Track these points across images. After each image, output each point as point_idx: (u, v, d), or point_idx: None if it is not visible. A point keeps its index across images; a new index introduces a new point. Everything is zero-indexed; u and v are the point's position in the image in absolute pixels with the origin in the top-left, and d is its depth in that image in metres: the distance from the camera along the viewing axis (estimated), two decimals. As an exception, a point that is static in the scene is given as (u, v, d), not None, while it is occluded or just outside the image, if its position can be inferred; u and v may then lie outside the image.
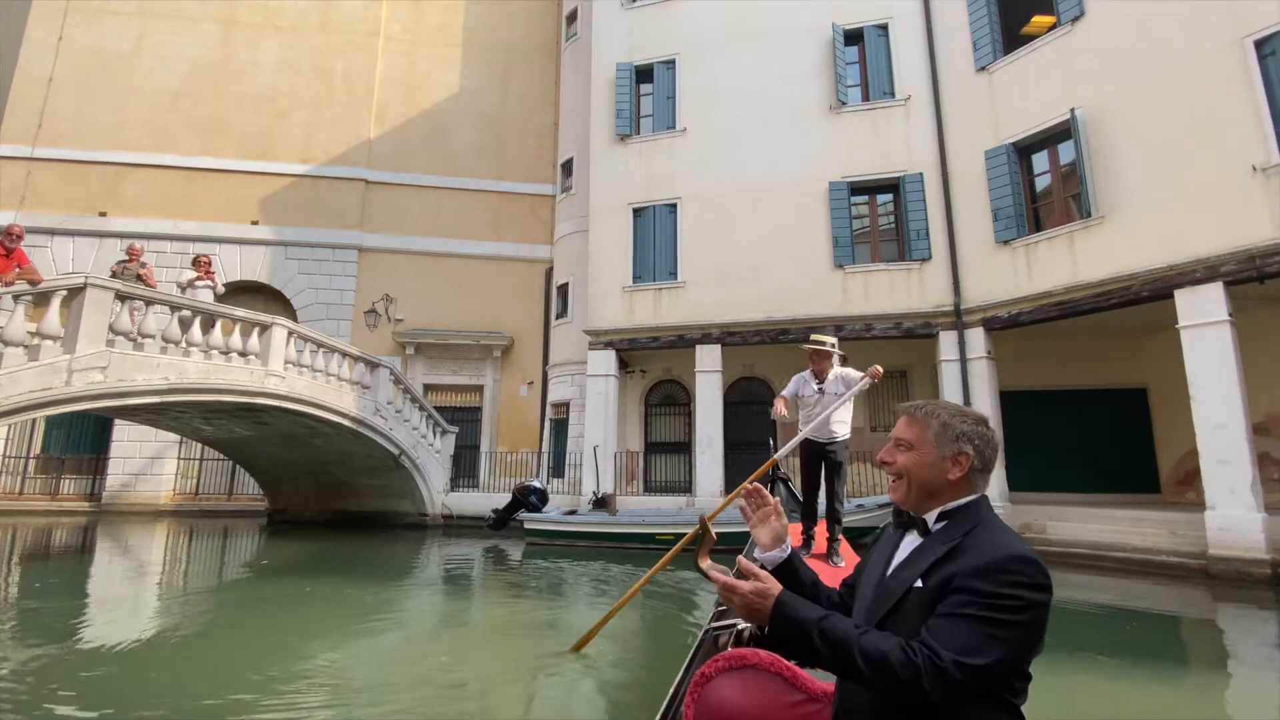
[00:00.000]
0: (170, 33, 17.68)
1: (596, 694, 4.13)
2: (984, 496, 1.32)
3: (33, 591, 7.47)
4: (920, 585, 1.22)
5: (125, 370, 7.16)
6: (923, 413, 1.35)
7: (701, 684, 1.54)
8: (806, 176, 12.19)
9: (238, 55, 17.85)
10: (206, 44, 17.77)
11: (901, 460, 1.35)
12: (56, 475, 15.65)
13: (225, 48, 17.84)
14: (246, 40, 17.97)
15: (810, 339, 4.91)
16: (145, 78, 17.34)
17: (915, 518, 1.34)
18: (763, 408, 13.57)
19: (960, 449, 1.29)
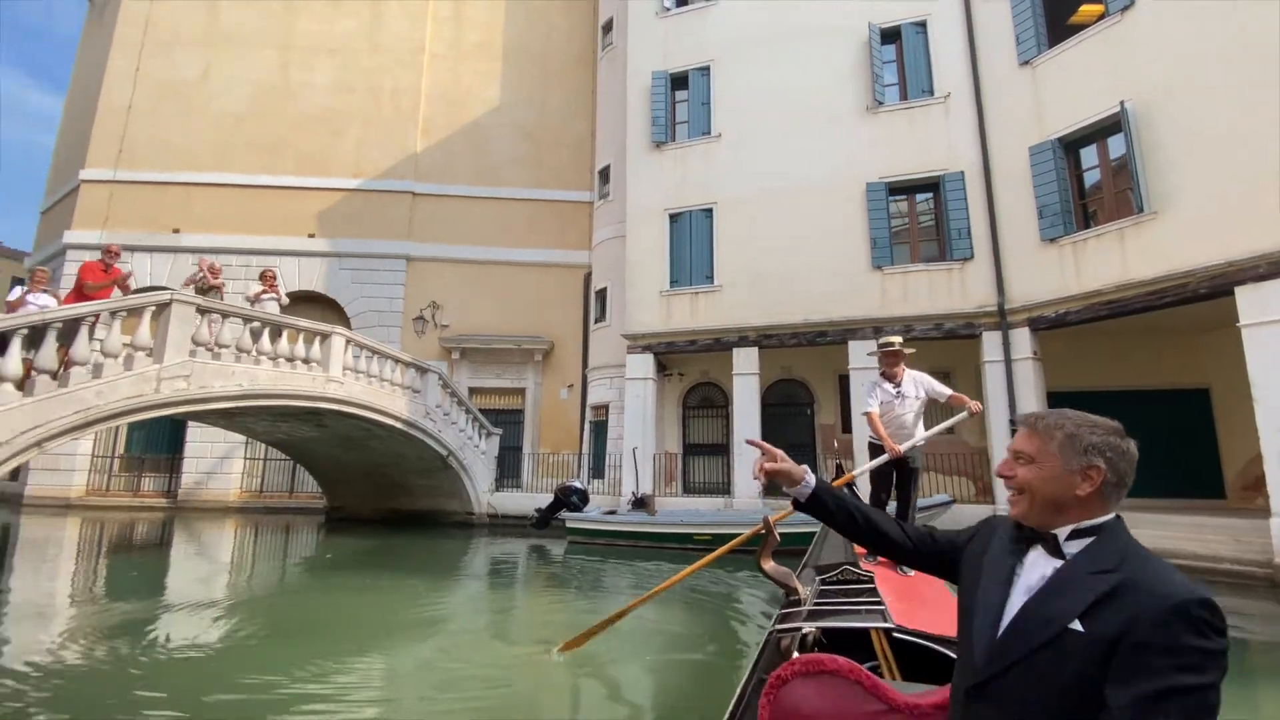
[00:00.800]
0: (234, 60, 18.86)
1: (627, 692, 4.25)
2: (1119, 516, 1.20)
3: (120, 583, 8.22)
4: (1081, 629, 1.07)
5: (205, 378, 7.82)
6: (1044, 424, 1.25)
7: (777, 686, 1.53)
8: (843, 178, 12.18)
9: (295, 78, 18.90)
10: (266, 69, 18.88)
11: (1022, 474, 1.24)
12: (137, 474, 16.91)
13: (283, 71, 18.92)
14: (302, 63, 19.01)
15: (879, 341, 4.83)
16: (212, 103, 18.55)
17: (1039, 533, 1.23)
18: (800, 409, 13.63)
19: (1090, 462, 1.18)
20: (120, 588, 7.75)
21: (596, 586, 8.19)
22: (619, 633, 4.79)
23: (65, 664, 4.58)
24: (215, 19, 19.19)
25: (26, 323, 6.47)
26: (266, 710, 3.71)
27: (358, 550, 10.75)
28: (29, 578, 8.33)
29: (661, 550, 10.07)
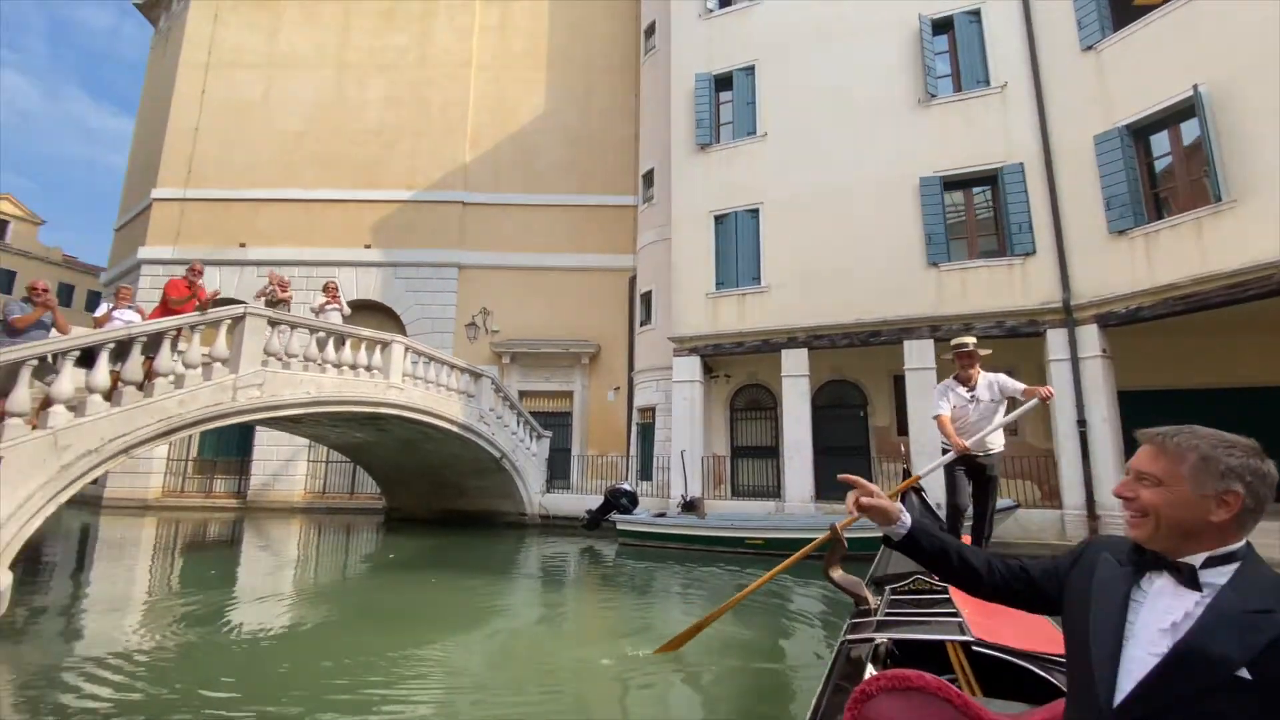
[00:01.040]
0: (292, 80, 19.73)
1: (708, 697, 4.23)
2: (1249, 541, 1.13)
3: (195, 578, 8.72)
4: (1250, 677, 0.98)
5: (277, 386, 8.23)
6: (1174, 444, 1.15)
7: (862, 701, 1.49)
8: (895, 173, 11.92)
9: (349, 94, 19.64)
10: (322, 87, 19.68)
11: (1147, 498, 1.15)
12: (210, 476, 17.85)
13: (338, 89, 19.68)
14: (356, 80, 19.73)
15: (953, 343, 4.57)
16: (273, 121, 19.45)
17: (1165, 559, 1.14)
18: (853, 411, 13.37)
19: (1227, 487, 1.09)
20: (199, 583, 8.22)
21: (650, 589, 8.24)
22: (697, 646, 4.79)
23: (148, 651, 4.90)
24: (274, 40, 20.10)
25: (115, 337, 6.91)
26: (333, 702, 3.89)
27: (418, 550, 11.09)
28: (114, 574, 8.92)
29: (713, 554, 10.04)
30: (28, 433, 5.93)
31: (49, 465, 6.05)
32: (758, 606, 6.52)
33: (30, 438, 5.91)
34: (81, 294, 32.86)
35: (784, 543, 9.71)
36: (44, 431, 6.05)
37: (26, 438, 5.88)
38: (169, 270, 18.35)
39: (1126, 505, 1.19)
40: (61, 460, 6.12)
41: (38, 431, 6.02)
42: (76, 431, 6.24)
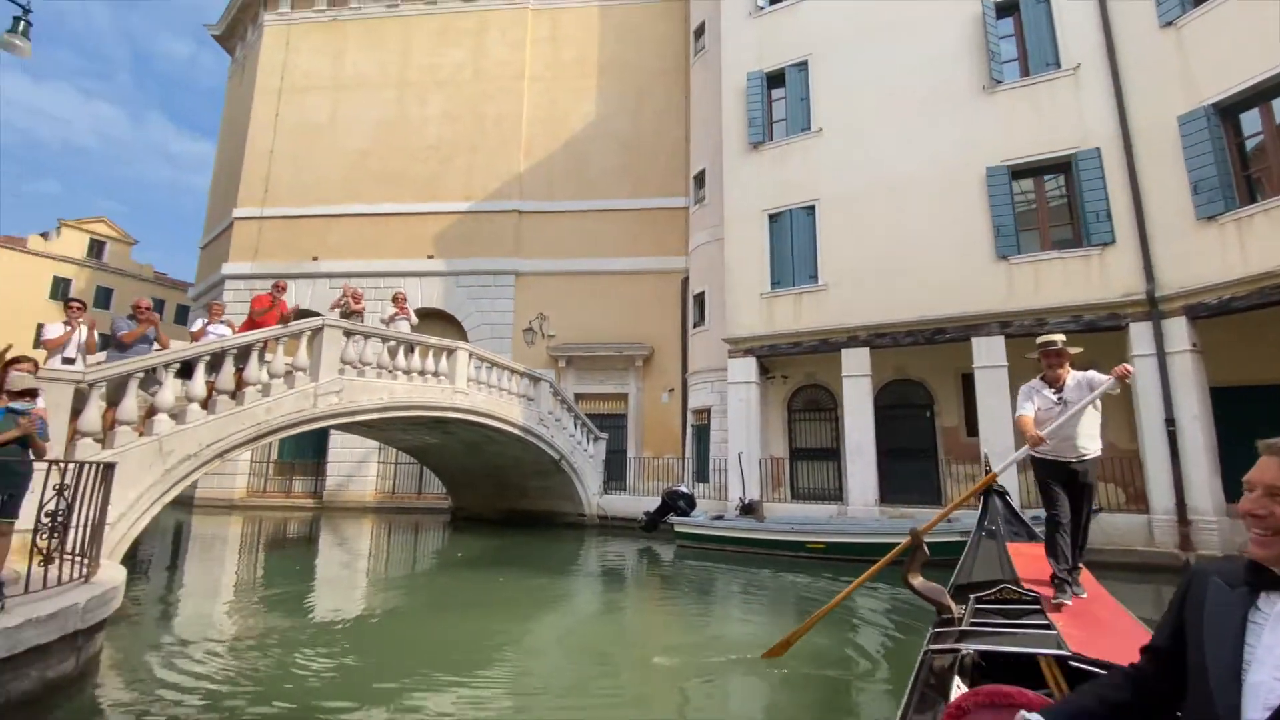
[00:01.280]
0: (357, 101, 20.73)
1: (784, 703, 4.20)
2: None
3: (280, 572, 9.30)
4: None
5: (353, 393, 8.70)
6: None
7: (958, 716, 1.45)
8: (959, 164, 11.49)
9: (410, 112, 20.48)
10: (385, 106, 20.59)
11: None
12: (289, 477, 18.94)
13: (400, 107, 20.55)
14: (416, 98, 20.55)
15: (1038, 340, 4.17)
16: (340, 141, 20.49)
17: None
18: (918, 412, 12.96)
19: None
20: (284, 577, 8.77)
21: (711, 592, 8.25)
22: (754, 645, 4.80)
23: (241, 638, 5.27)
24: (340, 64, 21.18)
25: (210, 350, 7.46)
26: (408, 691, 4.08)
27: (484, 548, 11.45)
28: (208, 568, 9.62)
29: (774, 557, 9.94)
30: (136, 439, 6.48)
31: (155, 469, 6.59)
32: (832, 614, 6.44)
33: (138, 444, 6.45)
34: (171, 308, 35.39)
35: (847, 547, 9.53)
36: (150, 438, 6.59)
37: (135, 444, 6.42)
38: (249, 284, 19.62)
39: (1256, 523, 1.12)
40: (165, 464, 6.65)
41: (144, 438, 6.56)
42: (178, 438, 6.77)
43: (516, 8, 20.89)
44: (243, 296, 19.26)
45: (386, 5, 21.38)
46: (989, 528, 4.08)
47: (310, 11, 21.75)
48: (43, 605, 3.79)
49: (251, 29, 23.41)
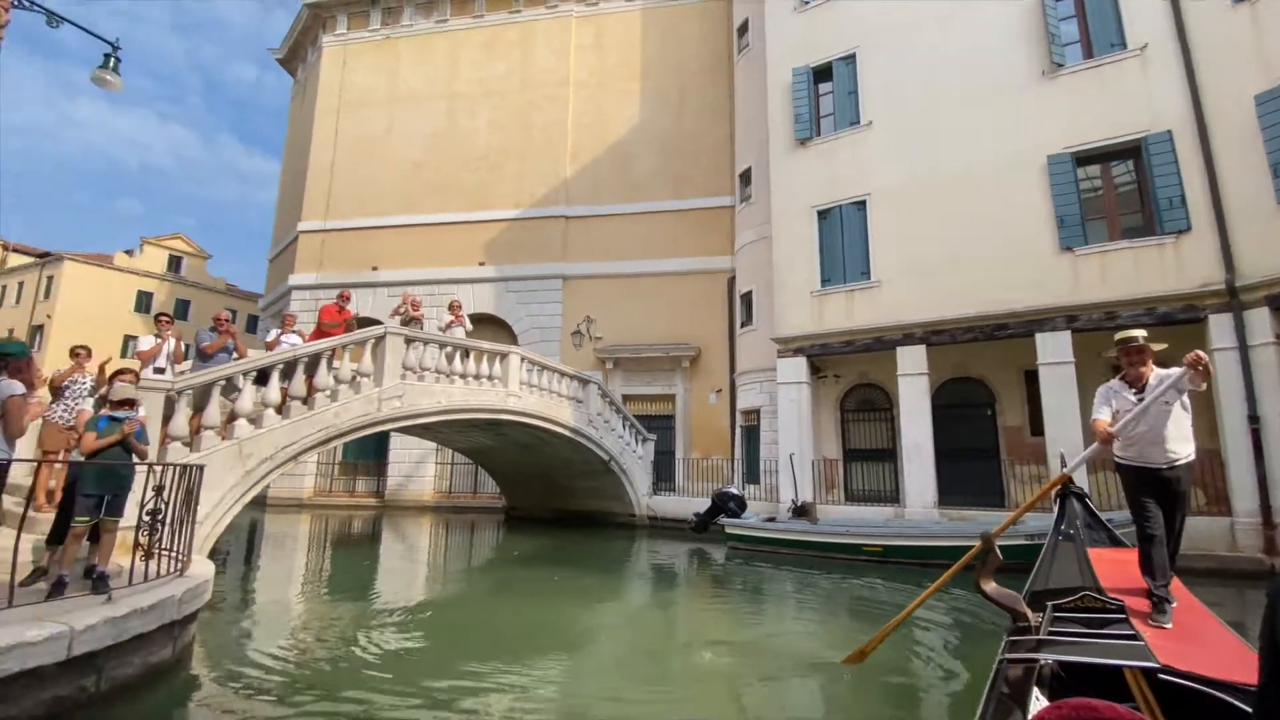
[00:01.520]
0: (410, 115, 21.51)
1: (850, 710, 4.14)
2: None
3: (347, 568, 9.75)
4: None
5: (414, 397, 9.06)
6: None
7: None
8: (1018, 153, 11.05)
9: (460, 123, 21.11)
10: (437, 119, 21.29)
11: None
12: (352, 477, 19.81)
13: (450, 119, 21.21)
14: (466, 109, 21.17)
15: (1117, 336, 3.80)
16: (395, 155, 21.30)
17: None
18: (979, 411, 12.52)
19: None
20: (352, 571, 9.20)
21: (764, 594, 8.20)
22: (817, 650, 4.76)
23: (316, 627, 5.57)
24: (394, 80, 22.02)
25: (284, 358, 7.91)
26: (459, 695, 4.19)
27: (538, 547, 11.70)
28: (283, 563, 10.17)
29: (828, 560, 9.79)
30: (219, 443, 6.94)
31: (236, 471, 7.04)
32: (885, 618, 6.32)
33: (222, 447, 6.91)
34: (243, 318, 37.48)
35: (905, 550, 9.31)
36: (231, 442, 7.05)
37: (219, 447, 6.88)
38: (314, 294, 20.63)
39: None
40: (245, 466, 7.10)
41: (226, 442, 7.02)
42: (256, 441, 7.21)
43: (560, 16, 21.24)
44: (308, 306, 20.28)
45: (436, 21, 22.10)
46: (1067, 531, 3.90)
47: (365, 31, 22.70)
48: (144, 597, 4.12)
49: (311, 51, 24.60)
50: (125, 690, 3.89)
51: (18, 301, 33.18)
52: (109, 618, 3.71)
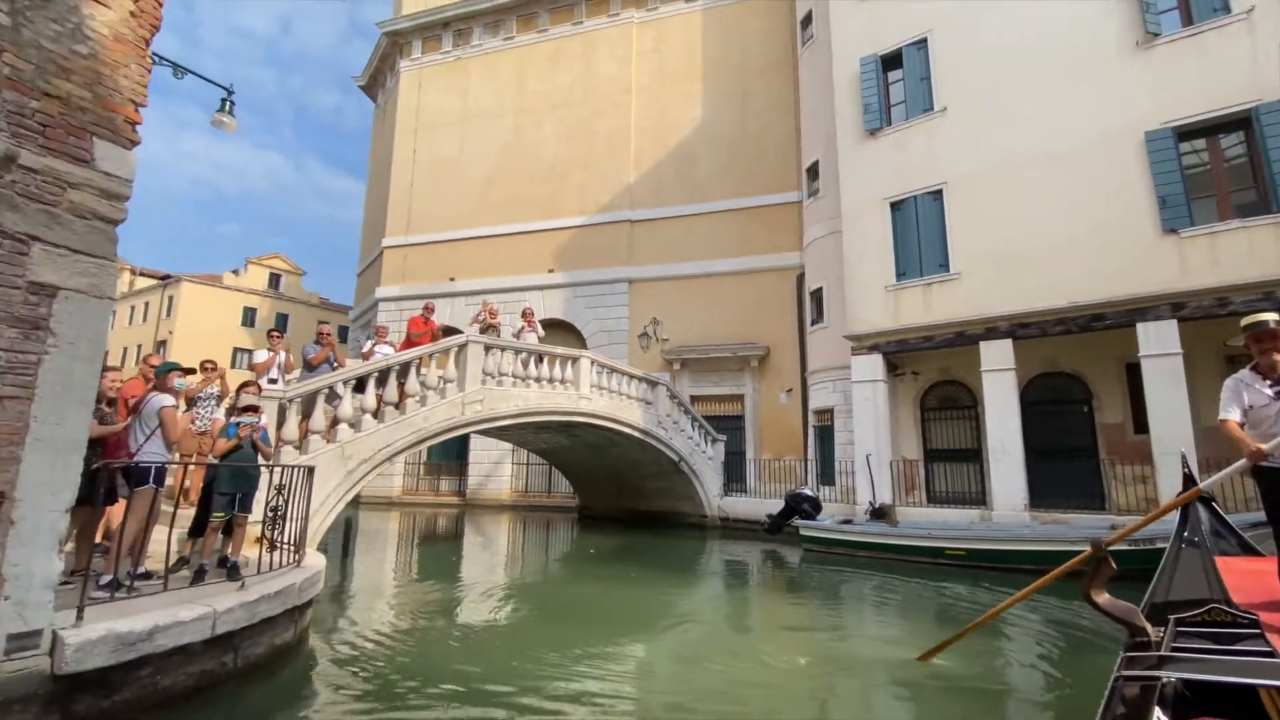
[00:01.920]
0: (481, 133, 22.45)
1: (944, 709, 4.08)
2: None
3: (437, 561, 10.33)
4: None
5: (493, 401, 9.52)
6: None
7: None
8: (1110, 131, 10.32)
9: (528, 137, 21.84)
10: (505, 134, 22.11)
11: None
12: (436, 477, 20.87)
13: (518, 134, 21.98)
14: (533, 123, 21.88)
15: (1244, 321, 3.45)
16: (468, 170, 22.29)
17: None
18: (1074, 407, 11.78)
19: None
20: (442, 564, 9.75)
21: (842, 597, 8.07)
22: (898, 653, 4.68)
23: (411, 614, 5.97)
24: (465, 99, 23.04)
25: (379, 367, 8.51)
26: (545, 680, 4.41)
27: (612, 546, 11.96)
28: (380, 556, 10.90)
29: (908, 564, 9.49)
30: (324, 446, 7.55)
31: (339, 471, 7.63)
32: (994, 626, 6.10)
33: (327, 449, 7.52)
34: (334, 329, 40.23)
35: (992, 554, 8.90)
36: (334, 445, 7.65)
37: (325, 449, 7.49)
38: (399, 305, 21.89)
39: None
40: (347, 467, 7.69)
41: (330, 445, 7.63)
42: (356, 444, 7.80)
43: (622, 24, 21.56)
44: (394, 316, 21.54)
45: (503, 39, 22.95)
46: (1190, 538, 3.58)
47: (438, 54, 23.88)
48: (270, 584, 4.60)
49: (390, 76, 26.11)
50: (257, 667, 4.35)
51: (145, 319, 36.95)
52: (244, 602, 4.17)
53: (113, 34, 3.69)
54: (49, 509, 3.27)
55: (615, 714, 3.99)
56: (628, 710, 4.08)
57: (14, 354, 3.18)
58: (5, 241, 3.18)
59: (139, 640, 3.48)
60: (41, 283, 3.29)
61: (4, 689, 3.08)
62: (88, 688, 3.35)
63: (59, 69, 3.45)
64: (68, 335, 3.37)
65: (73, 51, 3.51)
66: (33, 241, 3.28)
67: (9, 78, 3.26)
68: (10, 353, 3.17)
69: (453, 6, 23.21)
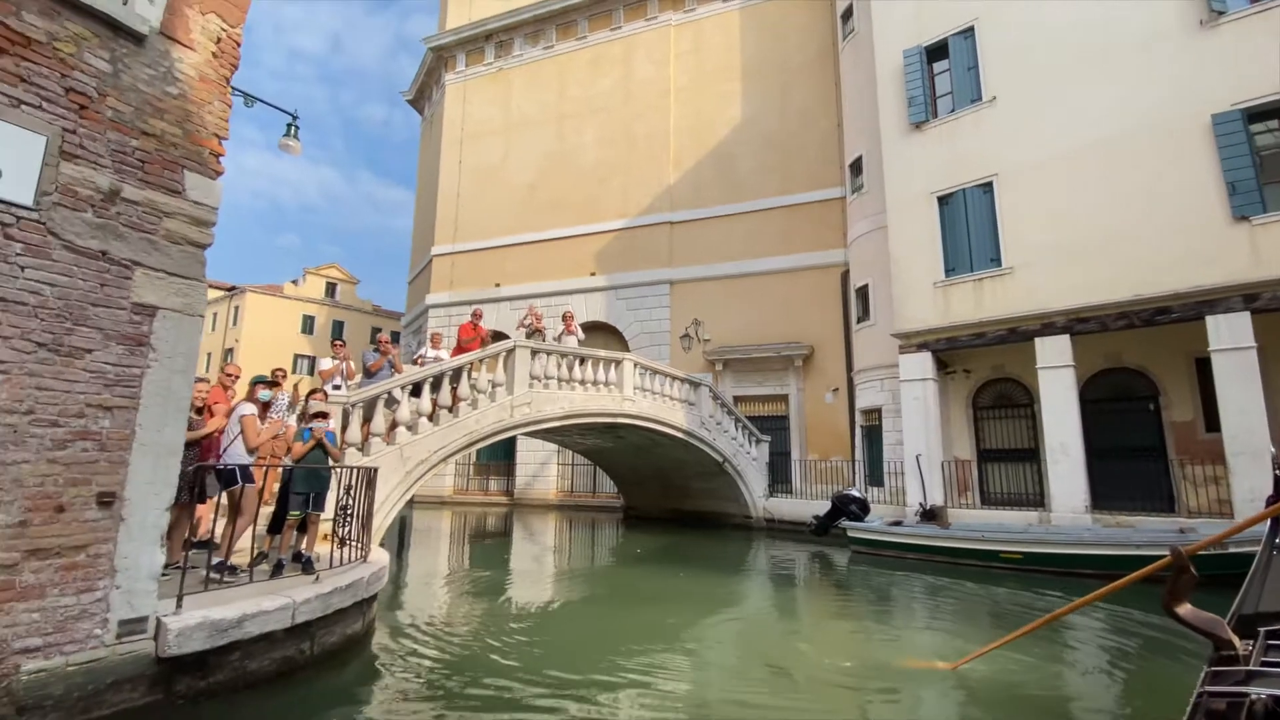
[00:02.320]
0: (523, 140, 22.95)
1: None
2: None
3: (489, 558, 10.66)
4: None
5: (540, 403, 9.79)
6: None
7: None
8: (1173, 115, 9.83)
9: (568, 142, 22.21)
10: (547, 141, 22.54)
11: None
12: (485, 477, 21.45)
13: (560, 140, 22.37)
14: (574, 129, 22.23)
15: None
16: (512, 178, 22.83)
17: None
18: (1139, 405, 11.27)
19: None
20: (495, 561, 10.08)
21: (892, 599, 7.97)
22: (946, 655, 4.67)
23: (466, 605, 6.23)
24: (508, 109, 23.60)
25: (433, 373, 8.87)
26: (596, 673, 4.56)
27: (657, 545, 12.10)
28: (435, 552, 11.32)
29: (959, 567, 9.29)
30: (384, 448, 7.94)
31: (398, 471, 8.01)
32: (1047, 632, 5.97)
33: (387, 451, 7.91)
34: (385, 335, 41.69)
35: (1050, 558, 8.63)
36: (394, 446, 8.03)
37: (385, 450, 7.88)
38: (448, 311, 22.59)
39: None
40: (406, 467, 8.06)
41: (390, 446, 8.01)
42: (413, 445, 8.17)
43: (659, 26, 21.68)
44: (443, 322, 22.25)
45: (544, 48, 23.40)
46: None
47: (481, 66, 24.52)
48: (341, 578, 4.91)
49: (436, 90, 26.95)
50: (330, 655, 4.66)
51: (213, 329, 39.14)
52: (319, 594, 4.48)
53: (198, 74, 4.04)
54: (152, 507, 3.62)
55: (666, 710, 4.10)
56: (678, 706, 4.19)
57: (121, 368, 3.54)
58: (113, 267, 3.55)
59: (230, 627, 3.80)
60: (143, 303, 3.65)
61: (116, 669, 3.44)
62: (186, 670, 3.69)
63: (153, 109, 3.81)
64: (166, 350, 3.72)
65: (165, 93, 3.87)
66: (135, 266, 3.64)
67: (111, 120, 3.63)
68: (119, 367, 3.53)
69: (495, 19, 23.81)
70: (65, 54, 3.45)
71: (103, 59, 3.61)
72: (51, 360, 3.28)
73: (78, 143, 3.46)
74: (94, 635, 3.37)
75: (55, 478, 3.26)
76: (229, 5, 4.26)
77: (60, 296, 3.34)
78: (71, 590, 3.30)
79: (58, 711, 3.20)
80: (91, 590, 3.37)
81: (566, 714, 3.90)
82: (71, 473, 3.32)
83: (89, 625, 3.36)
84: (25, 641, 3.14)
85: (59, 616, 3.26)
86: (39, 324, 3.26)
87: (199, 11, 4.09)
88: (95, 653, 3.36)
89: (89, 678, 3.32)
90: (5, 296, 3.15)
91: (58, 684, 3.21)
